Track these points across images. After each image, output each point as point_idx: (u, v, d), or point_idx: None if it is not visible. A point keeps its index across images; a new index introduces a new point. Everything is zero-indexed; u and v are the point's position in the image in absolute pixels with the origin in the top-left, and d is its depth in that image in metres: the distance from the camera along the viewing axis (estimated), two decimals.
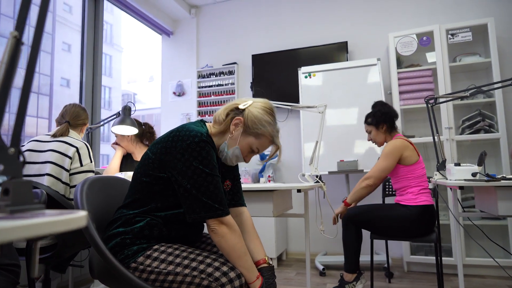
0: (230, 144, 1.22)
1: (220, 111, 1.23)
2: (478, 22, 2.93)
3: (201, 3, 4.25)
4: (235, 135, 1.20)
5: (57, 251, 1.62)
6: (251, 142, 1.21)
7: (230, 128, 1.21)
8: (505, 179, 1.61)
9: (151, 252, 1.10)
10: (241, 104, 1.22)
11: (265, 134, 1.20)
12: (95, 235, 1.11)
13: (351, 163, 3.02)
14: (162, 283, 1.08)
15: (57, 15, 16.52)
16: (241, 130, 1.20)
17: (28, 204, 0.51)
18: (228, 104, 1.25)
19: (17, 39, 0.51)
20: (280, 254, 3.46)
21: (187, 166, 1.07)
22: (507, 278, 2.67)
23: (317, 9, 3.80)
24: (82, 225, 0.47)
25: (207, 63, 4.18)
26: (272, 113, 1.24)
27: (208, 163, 1.09)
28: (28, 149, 1.82)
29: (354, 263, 2.16)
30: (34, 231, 0.41)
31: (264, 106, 1.23)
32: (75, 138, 1.88)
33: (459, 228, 1.97)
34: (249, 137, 1.21)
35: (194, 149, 1.07)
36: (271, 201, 1.78)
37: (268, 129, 1.20)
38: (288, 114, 3.77)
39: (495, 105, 2.84)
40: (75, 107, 2.03)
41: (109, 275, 1.18)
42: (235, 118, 1.19)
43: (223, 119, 1.21)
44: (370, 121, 2.34)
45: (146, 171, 1.14)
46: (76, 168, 1.78)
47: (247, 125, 1.19)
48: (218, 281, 1.04)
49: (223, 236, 1.08)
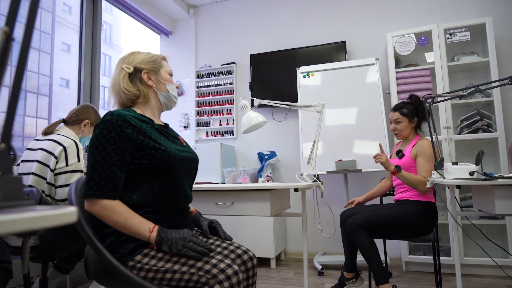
0: (161, 89, 1.34)
1: (124, 88, 1.27)
2: (476, 22, 2.93)
3: (199, 3, 4.25)
4: (156, 82, 1.33)
5: (40, 251, 1.61)
6: (163, 73, 1.35)
7: (147, 85, 1.31)
8: (503, 178, 1.60)
9: (148, 250, 1.10)
10: (125, 69, 1.28)
11: (159, 59, 1.36)
12: (90, 234, 1.10)
13: (350, 163, 3.02)
14: (161, 281, 1.08)
15: (56, 16, 16.50)
16: (154, 76, 1.32)
17: (18, 200, 0.50)
18: (119, 83, 1.28)
19: (8, 35, 0.51)
20: (279, 254, 3.46)
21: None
22: (505, 278, 2.67)
23: (316, 9, 3.80)
24: (72, 220, 0.47)
25: (205, 63, 4.18)
26: (139, 50, 1.37)
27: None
28: (27, 148, 1.83)
29: (383, 271, 1.98)
30: (24, 225, 0.41)
31: (133, 52, 1.35)
32: (66, 136, 1.83)
33: (456, 227, 1.97)
34: (160, 72, 1.34)
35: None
36: (268, 200, 1.77)
37: (156, 55, 1.36)
38: (287, 114, 3.78)
39: (493, 104, 2.85)
40: (78, 106, 2.02)
41: (107, 274, 1.17)
42: (142, 76, 1.29)
43: (135, 89, 1.28)
44: (405, 112, 2.30)
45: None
46: (61, 168, 1.73)
47: (152, 70, 1.32)
48: (216, 278, 1.04)
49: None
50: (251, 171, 3.51)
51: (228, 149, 3.76)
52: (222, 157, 3.58)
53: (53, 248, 1.68)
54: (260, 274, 2.96)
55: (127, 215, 1.08)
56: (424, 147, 2.21)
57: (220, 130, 4.05)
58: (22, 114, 13.57)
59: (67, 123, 1.95)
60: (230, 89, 4.03)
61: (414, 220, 2.05)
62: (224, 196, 1.87)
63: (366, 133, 3.08)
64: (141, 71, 1.29)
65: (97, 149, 1.09)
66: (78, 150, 1.80)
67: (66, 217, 0.46)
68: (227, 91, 4.05)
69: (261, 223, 3.21)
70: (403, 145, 2.38)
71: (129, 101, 1.30)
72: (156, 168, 1.15)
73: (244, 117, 2.09)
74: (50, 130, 1.83)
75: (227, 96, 4.03)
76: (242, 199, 1.83)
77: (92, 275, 1.21)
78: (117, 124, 1.11)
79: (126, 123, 1.13)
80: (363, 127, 3.12)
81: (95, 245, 1.08)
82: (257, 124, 2.06)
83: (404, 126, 2.30)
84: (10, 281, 2.04)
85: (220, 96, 4.07)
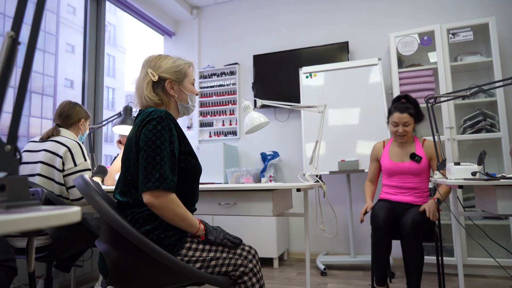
0: (182, 99, 1.36)
1: (147, 96, 1.29)
2: (479, 22, 2.92)
3: (202, 4, 4.27)
4: (178, 92, 1.34)
5: (52, 250, 1.64)
6: (187, 83, 1.37)
7: (169, 95, 1.32)
8: (505, 178, 1.60)
9: (189, 244, 1.20)
10: (150, 75, 1.29)
11: (185, 68, 1.37)
12: (139, 233, 1.11)
13: (352, 163, 3.02)
14: (207, 268, 1.21)
15: (61, 17, 16.60)
16: (177, 86, 1.34)
17: (24, 200, 0.52)
18: (142, 89, 1.30)
19: (13, 39, 0.52)
20: (282, 254, 3.47)
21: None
22: (509, 278, 2.66)
23: (318, 10, 3.81)
24: (76, 220, 0.48)
25: (208, 64, 4.20)
26: (167, 55, 1.38)
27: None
28: (25, 150, 1.84)
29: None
30: (29, 224, 0.42)
31: (160, 56, 1.35)
32: (67, 137, 1.85)
33: (459, 227, 1.97)
34: (183, 82, 1.36)
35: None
36: (270, 200, 1.78)
37: (182, 64, 1.36)
38: (289, 115, 3.79)
39: (496, 104, 2.83)
40: (64, 107, 1.97)
41: (139, 274, 1.16)
42: (165, 85, 1.31)
43: (157, 99, 1.30)
44: (413, 113, 2.28)
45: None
46: (70, 169, 1.76)
47: (176, 80, 1.33)
48: (247, 258, 1.27)
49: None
50: (254, 172, 3.52)
51: (231, 150, 3.77)
52: (225, 158, 3.59)
53: (64, 247, 1.71)
54: (263, 274, 2.96)
55: (185, 208, 1.19)
56: (432, 150, 2.24)
57: (223, 131, 4.07)
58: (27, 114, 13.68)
59: (63, 126, 1.94)
60: (233, 90, 4.05)
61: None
62: (226, 196, 1.88)
63: (369, 134, 3.08)
64: (165, 80, 1.31)
65: (164, 144, 1.14)
66: (82, 149, 1.83)
67: (71, 216, 0.47)
68: (230, 91, 4.06)
69: (264, 223, 3.22)
70: (402, 146, 2.37)
71: (149, 107, 1.31)
72: (190, 173, 1.25)
73: (247, 118, 2.10)
74: (52, 134, 1.84)
75: (230, 97, 4.05)
76: (244, 199, 1.84)
77: (114, 278, 1.17)
78: (174, 124, 1.21)
79: (177, 125, 1.25)
80: (366, 127, 3.12)
81: (148, 243, 1.08)
82: (259, 124, 2.08)
83: (411, 128, 2.29)
84: (15, 280, 2.07)
85: (223, 96, 4.08)
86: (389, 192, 2.35)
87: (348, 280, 2.74)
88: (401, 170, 2.30)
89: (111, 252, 1.16)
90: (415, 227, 1.98)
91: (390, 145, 2.43)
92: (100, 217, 1.21)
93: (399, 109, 2.27)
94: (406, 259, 2.03)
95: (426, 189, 2.29)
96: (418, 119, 2.32)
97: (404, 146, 2.36)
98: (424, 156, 2.26)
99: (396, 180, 2.33)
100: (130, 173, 1.20)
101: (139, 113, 1.30)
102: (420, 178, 2.28)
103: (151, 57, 1.35)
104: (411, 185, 2.28)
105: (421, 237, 2.02)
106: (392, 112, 2.32)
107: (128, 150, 1.23)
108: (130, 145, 1.22)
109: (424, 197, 2.28)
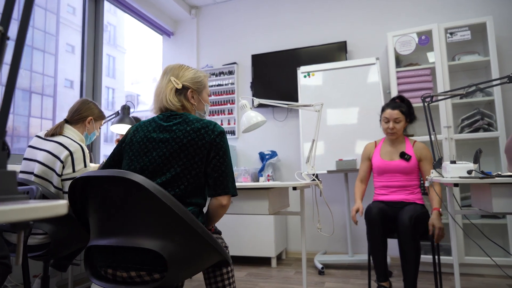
0: (200, 108, 1.48)
1: (170, 101, 1.38)
2: (476, 21, 2.93)
3: (201, 4, 4.27)
4: (197, 101, 1.46)
5: (49, 249, 1.64)
6: (205, 94, 1.50)
7: (190, 103, 1.43)
8: (500, 177, 1.61)
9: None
10: (173, 82, 1.40)
11: (205, 80, 1.49)
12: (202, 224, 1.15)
13: (350, 162, 3.02)
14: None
15: (60, 17, 16.61)
16: (197, 96, 1.45)
17: (12, 194, 0.52)
18: (166, 94, 1.39)
19: (2, 34, 0.52)
20: (280, 253, 3.47)
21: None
22: (506, 278, 2.66)
23: (316, 9, 3.81)
24: (62, 213, 0.48)
25: (207, 63, 4.20)
26: (188, 66, 1.48)
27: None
28: (30, 145, 1.82)
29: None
30: (14, 215, 0.42)
31: (183, 67, 1.46)
32: (72, 138, 1.80)
33: (455, 226, 1.97)
34: (202, 93, 1.48)
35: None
36: (266, 198, 1.79)
37: (202, 76, 1.48)
38: (288, 114, 3.79)
39: (494, 104, 2.84)
40: (76, 103, 1.95)
41: (193, 260, 1.17)
42: (188, 94, 1.41)
43: (179, 104, 1.40)
44: (404, 111, 2.32)
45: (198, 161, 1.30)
46: (69, 174, 1.72)
47: (196, 90, 1.45)
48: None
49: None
50: (252, 171, 3.52)
51: None
52: None
53: (62, 245, 1.70)
54: (261, 273, 2.97)
55: None
56: (426, 151, 2.31)
57: None
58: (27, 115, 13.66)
59: (70, 122, 1.90)
60: (232, 89, 4.05)
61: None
62: None
63: (367, 133, 3.09)
64: (188, 89, 1.41)
65: (230, 155, 1.35)
66: (84, 155, 1.77)
67: (57, 209, 0.47)
68: (229, 91, 4.07)
69: (262, 222, 3.22)
70: (393, 145, 2.39)
71: (168, 110, 1.40)
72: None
73: (244, 117, 2.10)
74: (56, 132, 1.79)
75: (229, 96, 4.05)
76: (241, 197, 1.84)
77: (174, 273, 1.11)
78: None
79: None
80: (364, 126, 3.12)
81: (201, 225, 1.13)
82: (256, 123, 2.08)
83: (403, 125, 2.32)
84: (13, 279, 2.07)
85: (221, 96, 4.09)
86: (381, 193, 2.37)
87: (345, 279, 2.74)
88: (390, 168, 2.32)
89: (167, 246, 1.08)
90: (412, 224, 1.98)
91: (381, 145, 2.46)
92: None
93: (390, 106, 2.35)
94: (403, 256, 2.03)
95: (416, 187, 2.32)
96: (410, 119, 2.36)
97: (395, 146, 2.38)
98: (414, 156, 2.28)
99: (386, 179, 2.35)
100: (178, 172, 1.27)
101: (180, 114, 1.38)
102: (409, 176, 2.30)
103: (174, 66, 1.45)
104: (400, 183, 2.30)
105: (418, 234, 2.02)
106: (384, 109, 2.39)
107: (181, 150, 1.29)
108: (186, 147, 1.29)
109: (415, 194, 2.30)
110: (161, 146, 1.30)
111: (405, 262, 2.02)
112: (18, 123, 12.28)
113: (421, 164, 2.30)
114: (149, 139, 1.32)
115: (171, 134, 1.30)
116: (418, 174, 2.33)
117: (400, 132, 2.33)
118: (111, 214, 1.13)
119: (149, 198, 1.06)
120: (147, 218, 1.10)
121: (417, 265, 1.99)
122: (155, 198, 1.04)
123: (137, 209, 1.09)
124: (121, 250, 1.11)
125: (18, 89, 1.11)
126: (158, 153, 1.29)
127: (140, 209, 1.09)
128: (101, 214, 1.16)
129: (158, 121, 1.36)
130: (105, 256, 1.14)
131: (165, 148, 1.29)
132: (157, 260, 1.08)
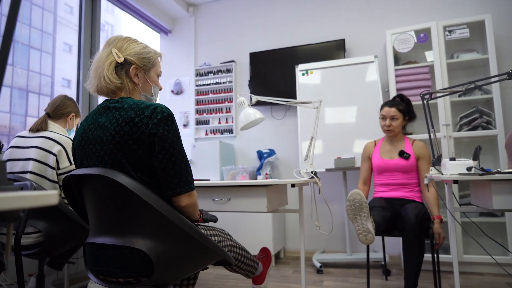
0: (145, 89, 1.23)
1: (108, 77, 1.15)
2: (475, 19, 2.92)
3: (199, 2, 4.25)
4: (143, 81, 1.22)
5: (44, 246, 1.62)
6: (153, 74, 1.26)
7: (133, 81, 1.20)
8: (500, 173, 1.59)
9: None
10: (115, 55, 1.17)
11: (154, 57, 1.26)
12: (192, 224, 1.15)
13: (348, 160, 3.01)
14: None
15: (58, 16, 16.55)
16: (142, 74, 1.22)
17: (2, 184, 0.50)
18: (103, 69, 1.16)
19: None
20: (278, 252, 3.45)
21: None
22: (505, 276, 2.65)
23: (315, 7, 3.80)
24: (53, 202, 0.47)
25: (205, 61, 4.18)
26: (136, 39, 1.26)
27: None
28: (12, 146, 1.80)
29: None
30: (2, 203, 0.40)
31: (129, 39, 1.23)
32: (59, 133, 1.83)
33: (454, 223, 1.96)
34: (149, 71, 1.24)
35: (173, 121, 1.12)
36: (264, 196, 1.77)
37: (151, 52, 1.25)
38: (286, 112, 3.78)
39: (492, 102, 2.83)
40: (57, 98, 1.98)
41: (182, 261, 1.16)
42: (131, 71, 1.18)
43: (119, 82, 1.17)
44: (402, 109, 2.33)
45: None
46: (66, 168, 1.74)
47: (142, 67, 1.21)
48: (226, 237, 1.44)
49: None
50: (250, 169, 3.50)
51: (227, 148, 3.76)
52: (221, 156, 3.58)
53: (56, 243, 1.69)
54: None
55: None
56: (425, 150, 2.31)
57: (220, 129, 4.05)
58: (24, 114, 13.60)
59: (52, 117, 1.92)
60: (230, 88, 4.03)
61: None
62: (221, 192, 1.86)
63: (365, 131, 3.08)
64: (131, 64, 1.19)
65: (181, 144, 1.12)
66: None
67: (47, 198, 0.45)
68: (227, 89, 4.05)
69: (260, 221, 3.20)
70: (392, 144, 2.39)
71: (108, 90, 1.18)
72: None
73: (242, 114, 2.08)
74: (41, 127, 1.81)
75: (227, 95, 4.03)
76: (239, 195, 1.83)
77: (160, 273, 1.09)
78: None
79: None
80: (362, 125, 3.11)
81: (191, 224, 1.13)
82: (254, 120, 2.06)
83: (400, 123, 2.33)
84: (7, 278, 2.04)
85: (219, 94, 4.07)
86: (381, 190, 2.38)
87: (344, 278, 2.73)
88: (390, 166, 2.33)
89: (155, 247, 1.07)
90: (419, 222, 1.97)
91: (381, 144, 2.47)
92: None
93: (388, 104, 2.37)
94: (408, 253, 2.00)
95: (416, 185, 2.32)
96: (409, 117, 2.37)
97: (394, 144, 2.39)
98: (413, 155, 2.29)
99: (385, 177, 2.36)
100: (132, 175, 1.08)
101: (114, 102, 1.14)
102: (408, 175, 2.31)
103: (118, 37, 1.22)
104: (400, 181, 2.31)
105: (423, 232, 2.01)
106: (382, 106, 2.41)
107: (117, 150, 1.07)
108: (120, 144, 1.06)
109: (415, 192, 2.30)
110: (98, 148, 1.09)
111: (409, 259, 2.00)
112: (15, 122, 12.23)
113: (418, 162, 2.30)
114: (86, 141, 1.12)
115: (104, 132, 1.09)
116: (417, 173, 2.33)
117: (398, 130, 2.33)
118: (102, 211, 1.13)
119: (132, 197, 1.04)
120: (133, 218, 1.08)
121: (421, 262, 1.98)
122: (136, 197, 1.03)
123: (127, 208, 1.09)
124: (110, 252, 1.08)
125: (15, 88, 1.10)
126: (97, 157, 1.09)
127: (128, 208, 1.09)
128: (93, 211, 1.15)
129: (93, 114, 1.16)
130: (95, 261, 1.12)
131: (102, 151, 1.08)
132: (144, 261, 1.05)
